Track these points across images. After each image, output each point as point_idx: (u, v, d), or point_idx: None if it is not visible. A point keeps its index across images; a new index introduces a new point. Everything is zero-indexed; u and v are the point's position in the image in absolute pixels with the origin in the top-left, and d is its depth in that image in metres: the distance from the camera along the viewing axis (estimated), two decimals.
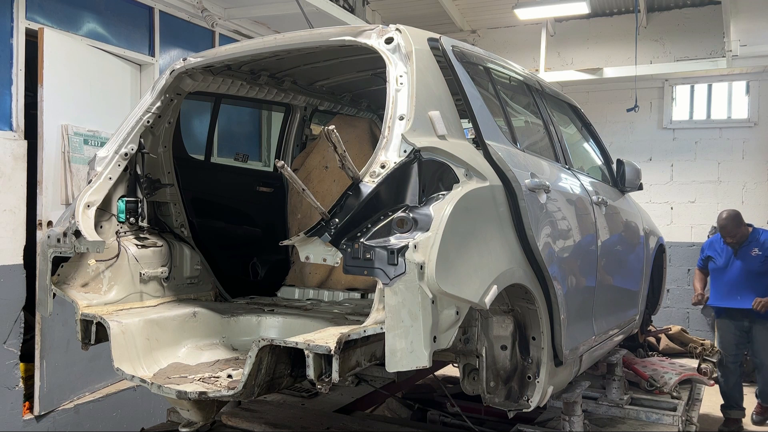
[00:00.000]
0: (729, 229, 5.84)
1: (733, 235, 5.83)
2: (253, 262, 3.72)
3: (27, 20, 4.33)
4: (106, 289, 2.92)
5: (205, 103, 3.97)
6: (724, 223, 5.86)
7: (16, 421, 4.27)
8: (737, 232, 5.83)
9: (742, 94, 8.42)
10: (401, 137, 2.26)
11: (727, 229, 5.84)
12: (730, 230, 5.83)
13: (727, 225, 5.84)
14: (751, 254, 5.84)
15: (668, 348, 6.81)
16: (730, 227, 5.83)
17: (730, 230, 5.83)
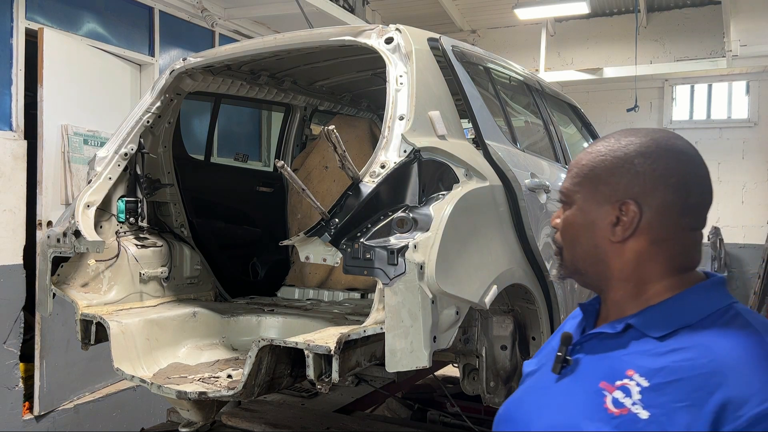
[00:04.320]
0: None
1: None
2: (253, 262, 3.72)
3: (27, 20, 4.32)
4: (105, 289, 2.92)
5: (205, 103, 3.97)
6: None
7: (16, 421, 4.27)
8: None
9: (742, 94, 8.42)
10: (401, 137, 2.26)
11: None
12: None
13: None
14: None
15: None
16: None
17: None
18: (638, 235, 1.09)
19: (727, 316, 1.04)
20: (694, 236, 1.11)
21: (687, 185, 1.08)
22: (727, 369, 0.96)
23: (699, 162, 1.12)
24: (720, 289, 1.09)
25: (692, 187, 1.09)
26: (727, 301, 1.07)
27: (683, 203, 1.08)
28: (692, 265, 1.12)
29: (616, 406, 1.01)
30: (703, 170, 1.11)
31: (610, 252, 1.12)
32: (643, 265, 1.10)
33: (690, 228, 1.10)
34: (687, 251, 1.11)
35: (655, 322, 1.06)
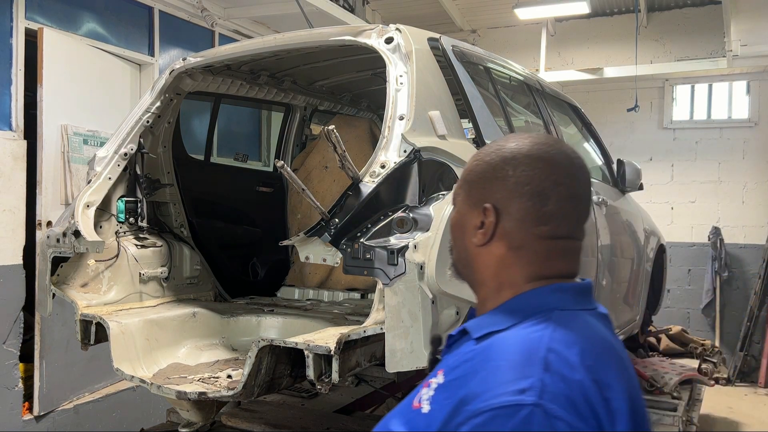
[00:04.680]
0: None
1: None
2: (252, 262, 3.72)
3: (26, 20, 4.32)
4: (105, 289, 2.92)
5: (205, 103, 3.97)
6: None
7: (16, 422, 4.27)
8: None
9: (742, 94, 8.41)
10: (401, 137, 2.26)
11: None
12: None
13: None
14: None
15: (668, 348, 6.80)
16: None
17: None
18: (497, 240, 1.10)
19: (535, 320, 1.03)
20: (555, 245, 1.10)
21: (543, 193, 1.07)
22: (481, 367, 0.97)
23: (562, 171, 1.09)
24: (553, 295, 1.07)
25: (549, 196, 1.07)
26: (550, 306, 1.05)
27: (539, 211, 1.08)
28: (555, 273, 1.10)
29: (418, 401, 1.04)
30: (566, 179, 1.09)
31: (475, 255, 1.14)
32: (502, 270, 1.11)
33: (549, 236, 1.09)
34: (546, 259, 1.09)
35: (480, 326, 1.07)
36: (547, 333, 1.00)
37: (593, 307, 1.11)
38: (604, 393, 0.95)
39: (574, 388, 0.92)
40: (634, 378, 1.06)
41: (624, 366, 1.04)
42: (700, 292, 8.29)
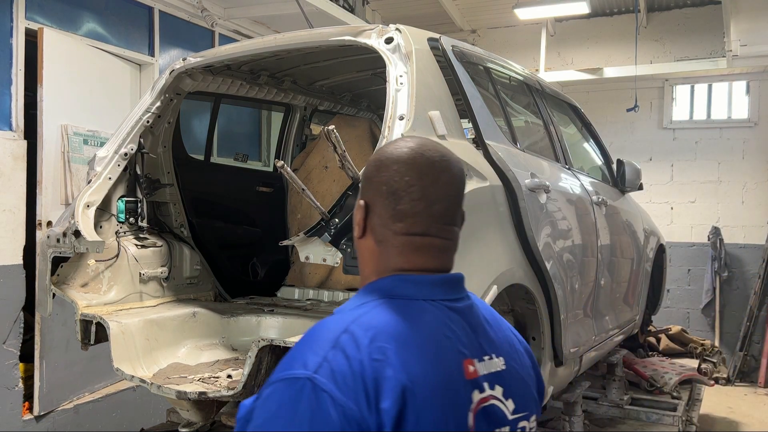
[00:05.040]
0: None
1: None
2: (252, 262, 3.72)
3: (27, 20, 4.32)
4: (105, 289, 2.92)
5: (205, 103, 3.97)
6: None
7: (16, 421, 4.27)
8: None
9: (742, 94, 8.41)
10: (401, 137, 2.26)
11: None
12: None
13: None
14: None
15: (668, 348, 6.81)
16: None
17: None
18: (369, 234, 1.21)
19: (365, 305, 1.14)
20: (411, 241, 1.17)
21: (396, 193, 1.17)
22: (296, 345, 1.10)
23: (417, 173, 1.17)
24: (393, 284, 1.16)
25: (401, 196, 1.16)
26: (389, 294, 1.15)
27: (394, 209, 1.17)
28: (414, 267, 1.18)
29: None
30: (419, 181, 1.16)
31: (357, 246, 1.26)
32: (371, 262, 1.22)
33: (404, 233, 1.17)
34: (402, 254, 1.18)
35: (337, 309, 1.20)
36: (357, 315, 1.10)
37: (450, 297, 1.19)
38: (383, 372, 1.01)
39: (354, 365, 1.00)
40: (452, 368, 1.10)
41: (440, 356, 1.09)
42: (699, 292, 8.29)
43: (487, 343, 1.19)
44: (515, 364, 1.22)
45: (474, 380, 1.13)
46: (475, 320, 1.20)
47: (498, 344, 1.21)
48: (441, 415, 1.05)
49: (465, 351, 1.14)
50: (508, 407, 1.17)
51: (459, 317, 1.17)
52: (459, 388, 1.11)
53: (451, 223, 1.21)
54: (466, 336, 1.16)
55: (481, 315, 1.23)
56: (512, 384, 1.19)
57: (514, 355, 1.23)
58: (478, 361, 1.15)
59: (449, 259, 1.23)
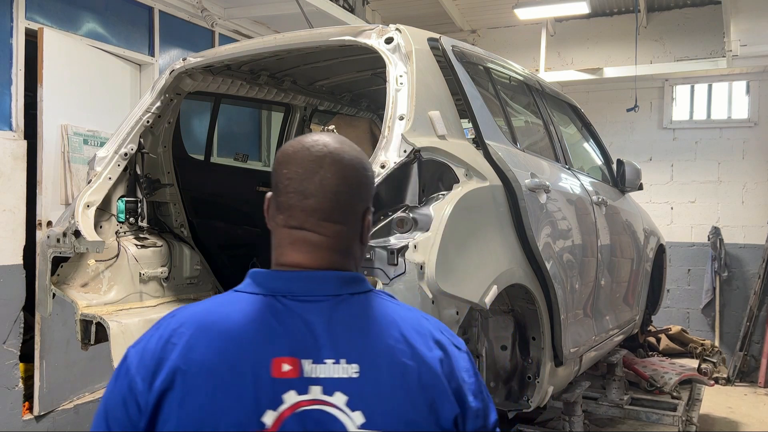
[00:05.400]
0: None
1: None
2: (252, 262, 3.72)
3: (27, 20, 4.32)
4: (105, 289, 2.92)
5: (205, 103, 3.97)
6: None
7: (16, 421, 4.27)
8: None
9: (742, 94, 8.40)
10: (401, 137, 2.26)
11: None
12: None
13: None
14: None
15: (668, 348, 6.81)
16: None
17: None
18: (270, 226, 1.24)
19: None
20: (289, 234, 1.19)
21: (277, 186, 1.20)
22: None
23: (298, 167, 1.18)
24: (247, 279, 1.20)
25: (280, 188, 1.19)
26: (238, 288, 1.19)
27: (276, 201, 1.21)
28: (288, 261, 1.19)
29: None
30: (298, 176, 1.17)
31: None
32: (273, 251, 1.23)
33: (284, 225, 1.19)
34: (280, 246, 1.20)
35: None
36: (190, 304, 1.21)
37: (306, 295, 1.15)
38: (169, 355, 1.10)
39: (156, 346, 1.12)
40: (247, 361, 1.09)
41: (237, 348, 1.10)
42: (699, 292, 8.29)
43: (336, 348, 1.10)
44: (383, 377, 1.10)
45: (288, 380, 1.08)
46: (329, 322, 1.12)
47: (359, 351, 1.11)
48: (210, 402, 1.06)
49: (283, 349, 1.09)
50: (353, 419, 1.07)
51: (299, 315, 1.12)
52: (255, 384, 1.07)
53: (328, 219, 1.17)
54: (298, 335, 1.11)
55: (353, 319, 1.14)
56: (367, 396, 1.08)
57: (388, 368, 1.10)
58: (311, 362, 1.09)
59: (327, 256, 1.18)
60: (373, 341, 1.12)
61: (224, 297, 1.20)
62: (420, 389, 1.10)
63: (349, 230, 1.21)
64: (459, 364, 1.16)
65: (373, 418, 1.07)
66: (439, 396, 1.11)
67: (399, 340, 1.13)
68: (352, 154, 1.21)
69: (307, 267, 1.18)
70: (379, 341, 1.13)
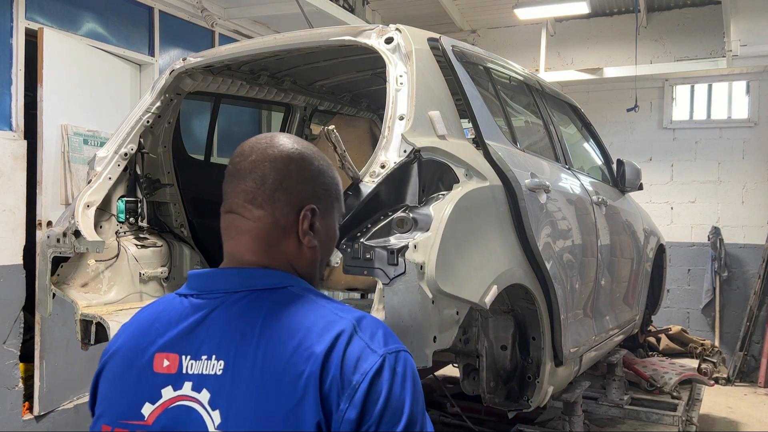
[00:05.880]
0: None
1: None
2: None
3: (27, 20, 4.32)
4: (105, 289, 2.92)
5: (205, 103, 3.97)
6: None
7: (16, 421, 4.27)
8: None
9: (742, 94, 8.40)
10: (401, 137, 2.26)
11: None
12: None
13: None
14: None
15: (668, 348, 6.82)
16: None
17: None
18: None
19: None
20: (223, 220, 1.22)
21: (225, 173, 1.24)
22: None
23: (236, 155, 1.22)
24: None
25: (225, 175, 1.23)
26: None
27: (222, 187, 1.24)
28: (225, 251, 1.22)
29: None
30: (236, 161, 1.21)
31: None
32: None
33: (222, 211, 1.23)
34: (222, 236, 1.23)
35: None
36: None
37: (197, 292, 1.18)
38: (114, 339, 1.27)
39: (124, 329, 1.26)
40: (135, 355, 1.18)
41: (134, 341, 1.20)
42: (699, 292, 8.29)
43: (214, 345, 1.09)
44: (245, 375, 1.05)
45: (167, 375, 1.11)
46: (215, 318, 1.12)
47: (232, 349, 1.08)
48: (110, 389, 1.22)
49: (168, 345, 1.13)
50: (213, 418, 1.05)
51: (191, 313, 1.15)
52: (139, 376, 1.14)
53: (251, 202, 1.18)
54: (185, 332, 1.13)
55: (239, 315, 1.11)
56: (226, 395, 1.05)
57: (251, 367, 1.05)
58: (189, 358, 1.10)
59: (248, 243, 1.18)
60: (248, 338, 1.08)
61: (164, 296, 1.26)
62: (283, 390, 1.02)
63: (273, 218, 1.17)
64: (347, 364, 1.04)
65: (228, 419, 1.04)
66: (304, 398, 1.02)
67: (279, 334, 1.07)
68: (296, 147, 1.22)
69: (233, 254, 1.19)
70: (253, 338, 1.08)
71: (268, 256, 1.18)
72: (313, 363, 1.03)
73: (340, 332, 1.07)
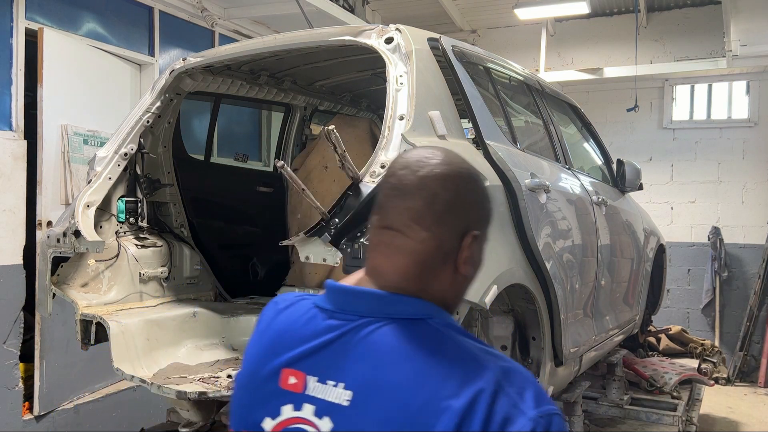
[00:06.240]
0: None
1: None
2: (252, 262, 3.72)
3: (27, 20, 4.32)
4: (105, 289, 2.92)
5: (205, 103, 3.97)
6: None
7: (16, 422, 4.27)
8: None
9: (742, 94, 8.40)
10: (401, 137, 2.26)
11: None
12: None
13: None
14: None
15: (668, 348, 6.81)
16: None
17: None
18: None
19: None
20: (377, 234, 1.14)
21: (379, 187, 1.19)
22: None
23: (397, 166, 1.15)
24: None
25: (380, 187, 1.17)
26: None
27: (376, 203, 1.17)
28: (368, 265, 1.15)
29: None
30: (398, 173, 1.13)
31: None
32: None
33: (376, 225, 1.15)
34: (369, 250, 1.17)
35: None
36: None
37: (336, 309, 1.12)
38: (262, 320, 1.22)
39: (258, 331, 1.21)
40: (263, 368, 1.13)
41: (263, 353, 1.15)
42: (699, 292, 8.29)
43: (343, 371, 1.04)
44: (373, 412, 0.99)
45: (292, 393, 1.07)
46: (348, 343, 1.06)
47: (361, 380, 1.02)
48: (239, 395, 1.17)
49: (297, 361, 1.08)
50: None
51: (320, 331, 1.09)
52: (264, 387, 1.10)
53: (417, 222, 1.08)
54: (312, 349, 1.08)
55: (373, 344, 1.04)
56: (351, 429, 1.01)
57: (381, 404, 0.99)
58: (316, 380, 1.05)
59: (404, 265, 1.09)
60: (381, 372, 1.01)
61: (301, 302, 1.18)
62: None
63: (438, 242, 1.08)
64: (490, 427, 0.93)
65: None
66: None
67: (411, 378, 0.99)
68: (466, 167, 1.14)
69: (382, 272, 1.10)
70: (387, 373, 1.01)
71: (421, 282, 1.09)
72: (448, 420, 0.94)
73: (483, 387, 0.96)
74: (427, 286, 1.09)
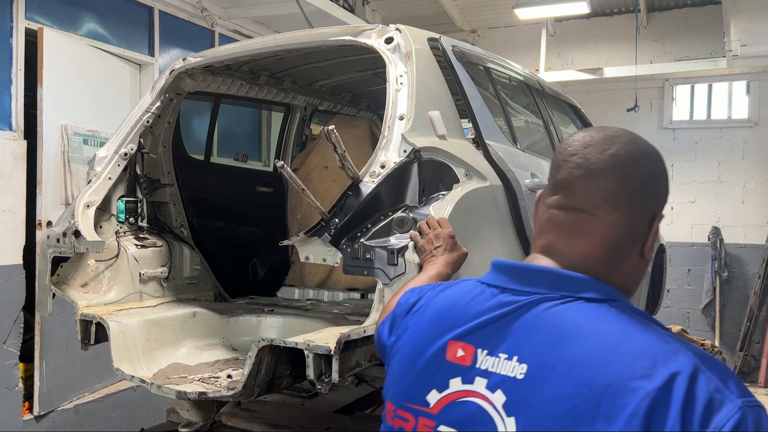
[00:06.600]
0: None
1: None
2: (252, 262, 3.72)
3: (26, 20, 4.32)
4: (105, 289, 2.92)
5: (205, 103, 3.97)
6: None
7: (16, 422, 4.27)
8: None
9: (742, 94, 8.41)
10: (401, 137, 2.26)
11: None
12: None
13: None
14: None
15: None
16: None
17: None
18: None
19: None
20: (555, 216, 1.13)
21: (558, 166, 1.14)
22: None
23: (578, 143, 1.12)
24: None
25: (561, 166, 1.13)
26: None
27: (553, 182, 1.14)
28: (539, 242, 1.19)
29: None
30: (583, 149, 1.10)
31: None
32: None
33: (557, 206, 1.12)
34: (541, 231, 1.19)
35: None
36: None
37: (511, 287, 1.10)
38: (417, 303, 1.24)
39: (415, 292, 1.28)
40: (430, 340, 1.13)
41: (430, 325, 1.15)
42: (700, 292, 8.30)
43: (516, 345, 1.00)
44: (551, 387, 0.94)
45: (459, 366, 1.04)
46: (522, 318, 1.02)
47: (537, 353, 0.98)
48: (401, 371, 1.17)
49: (465, 334, 1.06)
50: (506, 424, 0.96)
51: (491, 306, 1.06)
52: (429, 362, 1.10)
53: (609, 202, 1.04)
54: (482, 324, 1.05)
55: (550, 321, 1.00)
56: (526, 404, 0.95)
57: (560, 379, 0.94)
58: (486, 353, 1.02)
59: (585, 248, 1.05)
60: (562, 348, 0.96)
61: (463, 281, 1.21)
62: (598, 418, 0.89)
63: (628, 224, 1.04)
64: (693, 410, 0.86)
65: (526, 430, 0.94)
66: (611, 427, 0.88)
67: (597, 355, 0.93)
68: (650, 145, 1.09)
69: (563, 253, 1.07)
70: (568, 349, 0.95)
71: (606, 267, 1.04)
72: (641, 400, 0.88)
73: (679, 370, 0.90)
74: (610, 269, 1.04)
